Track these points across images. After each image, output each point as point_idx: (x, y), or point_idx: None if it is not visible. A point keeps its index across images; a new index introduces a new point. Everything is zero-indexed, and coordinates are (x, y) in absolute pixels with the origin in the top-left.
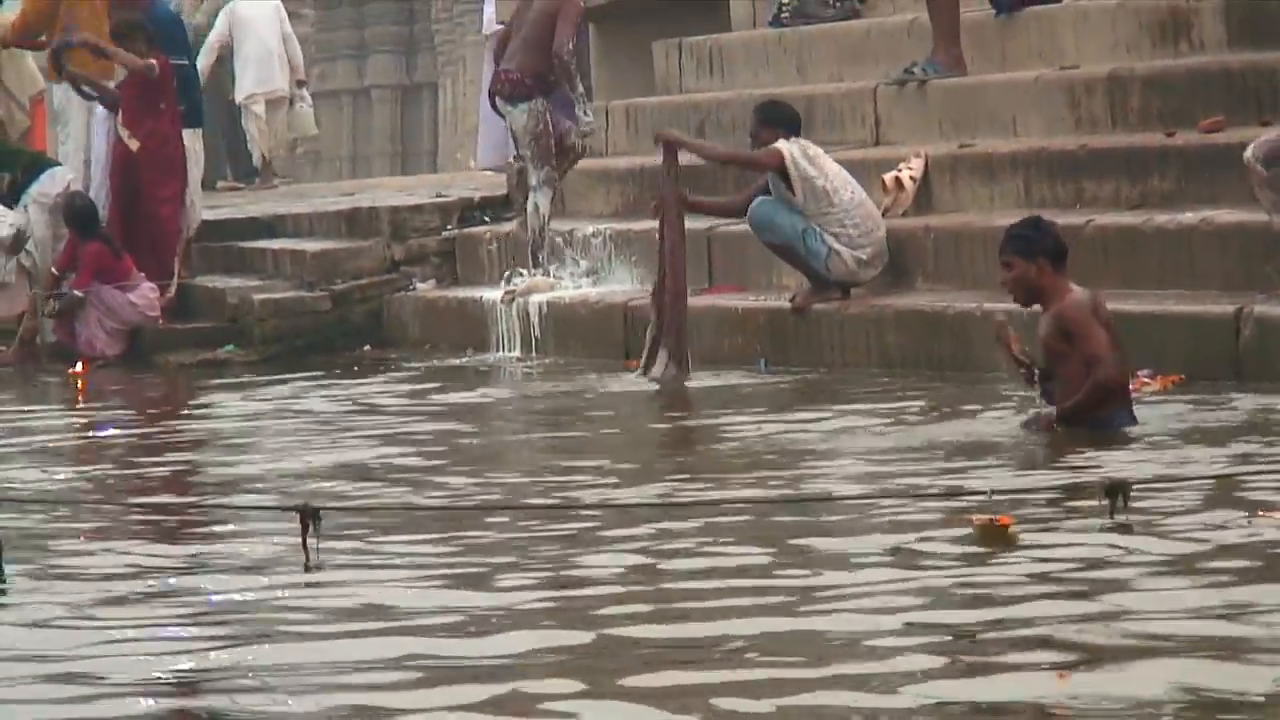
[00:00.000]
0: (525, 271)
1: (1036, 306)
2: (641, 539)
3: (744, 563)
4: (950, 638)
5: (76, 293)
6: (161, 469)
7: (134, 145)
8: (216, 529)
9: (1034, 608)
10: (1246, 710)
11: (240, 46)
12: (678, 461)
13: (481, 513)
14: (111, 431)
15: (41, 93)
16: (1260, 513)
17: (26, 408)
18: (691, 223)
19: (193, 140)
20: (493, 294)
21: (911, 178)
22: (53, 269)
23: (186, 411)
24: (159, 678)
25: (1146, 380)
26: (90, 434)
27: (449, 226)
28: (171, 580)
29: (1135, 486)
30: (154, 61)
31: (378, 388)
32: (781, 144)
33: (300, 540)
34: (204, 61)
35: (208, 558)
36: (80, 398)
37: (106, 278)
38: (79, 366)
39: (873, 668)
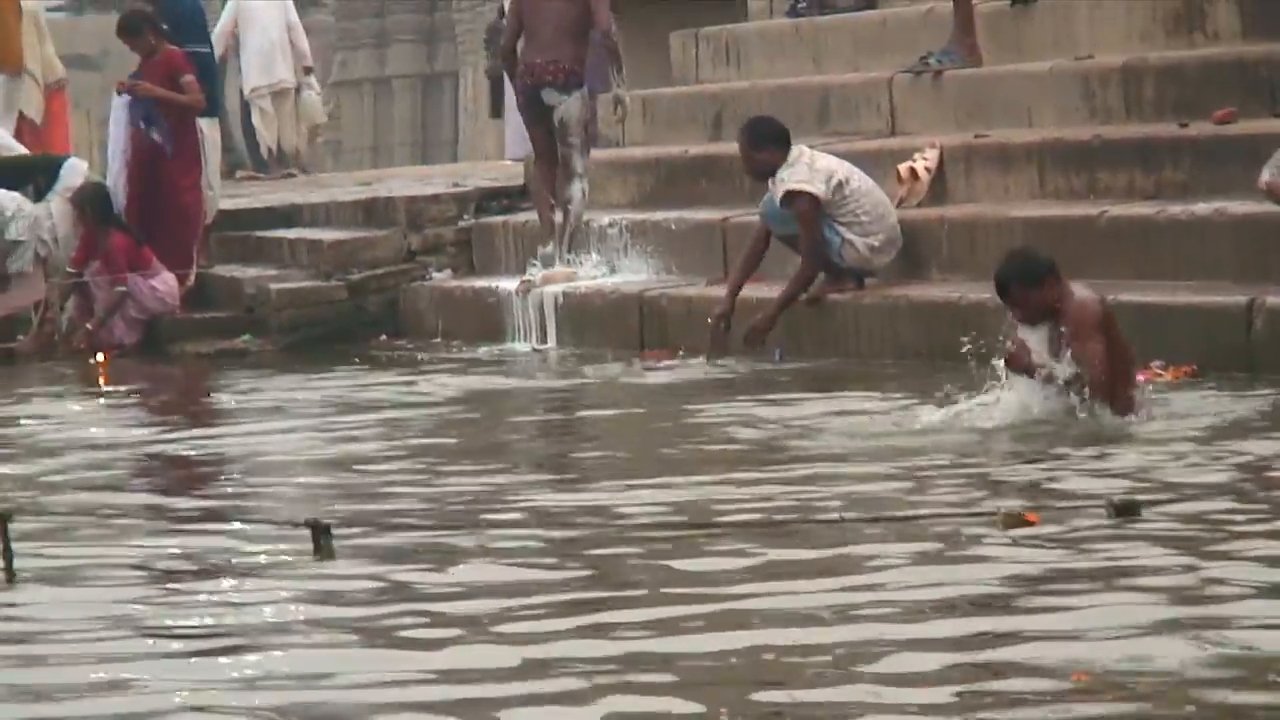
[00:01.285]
0: (538, 263)
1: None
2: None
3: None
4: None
5: (120, 289)
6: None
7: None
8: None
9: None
10: None
11: (245, 39)
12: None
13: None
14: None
15: (61, 81)
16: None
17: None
18: (706, 213)
19: (210, 129)
20: (509, 284)
21: (926, 168)
22: (68, 268)
23: (203, 407)
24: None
25: (1159, 371)
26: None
27: (465, 216)
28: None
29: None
30: (201, 98)
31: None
32: (805, 186)
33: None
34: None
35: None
36: (103, 384)
37: (130, 267)
38: (100, 356)
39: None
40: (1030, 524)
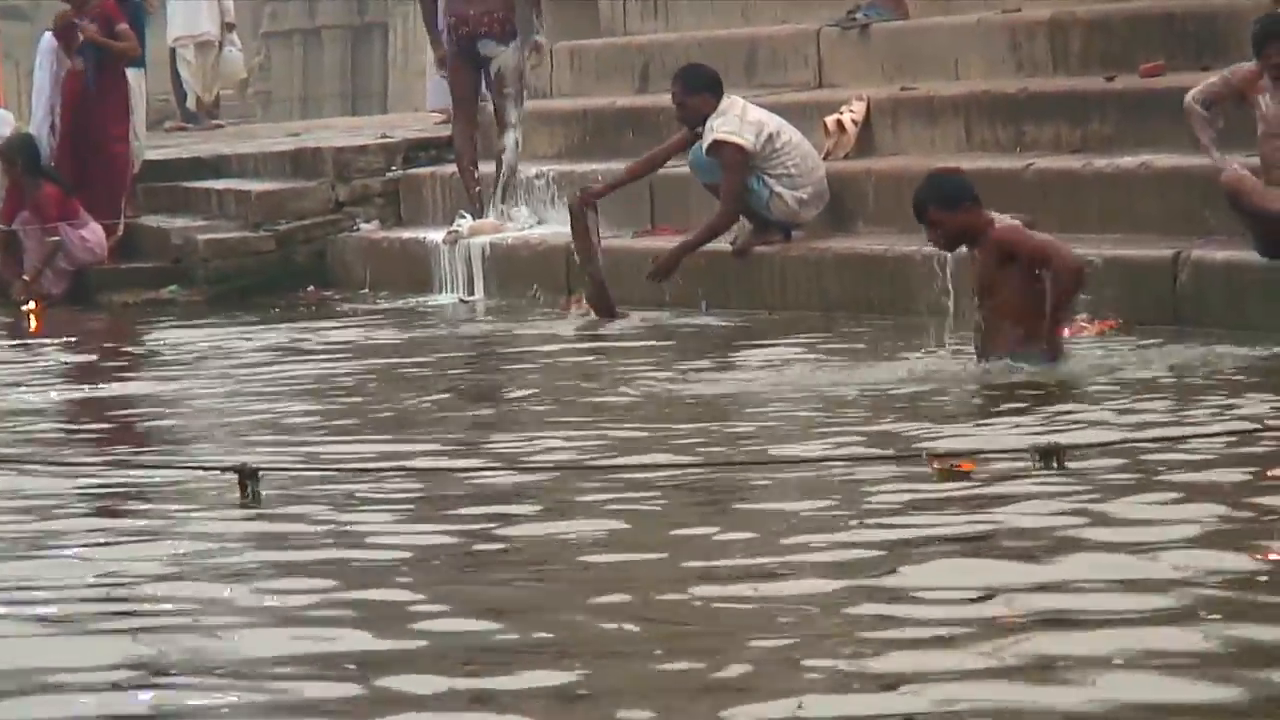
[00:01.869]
0: (467, 215)
1: (962, 249)
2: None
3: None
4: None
5: (54, 239)
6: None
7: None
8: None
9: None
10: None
11: None
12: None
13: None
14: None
15: None
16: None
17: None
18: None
19: (136, 79)
20: (436, 235)
21: (853, 120)
22: None
23: (131, 353)
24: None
25: (1084, 325)
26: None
27: (393, 168)
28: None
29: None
30: (137, 46)
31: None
32: (733, 136)
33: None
34: None
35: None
36: (36, 332)
37: (60, 217)
38: (32, 305)
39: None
40: (967, 472)
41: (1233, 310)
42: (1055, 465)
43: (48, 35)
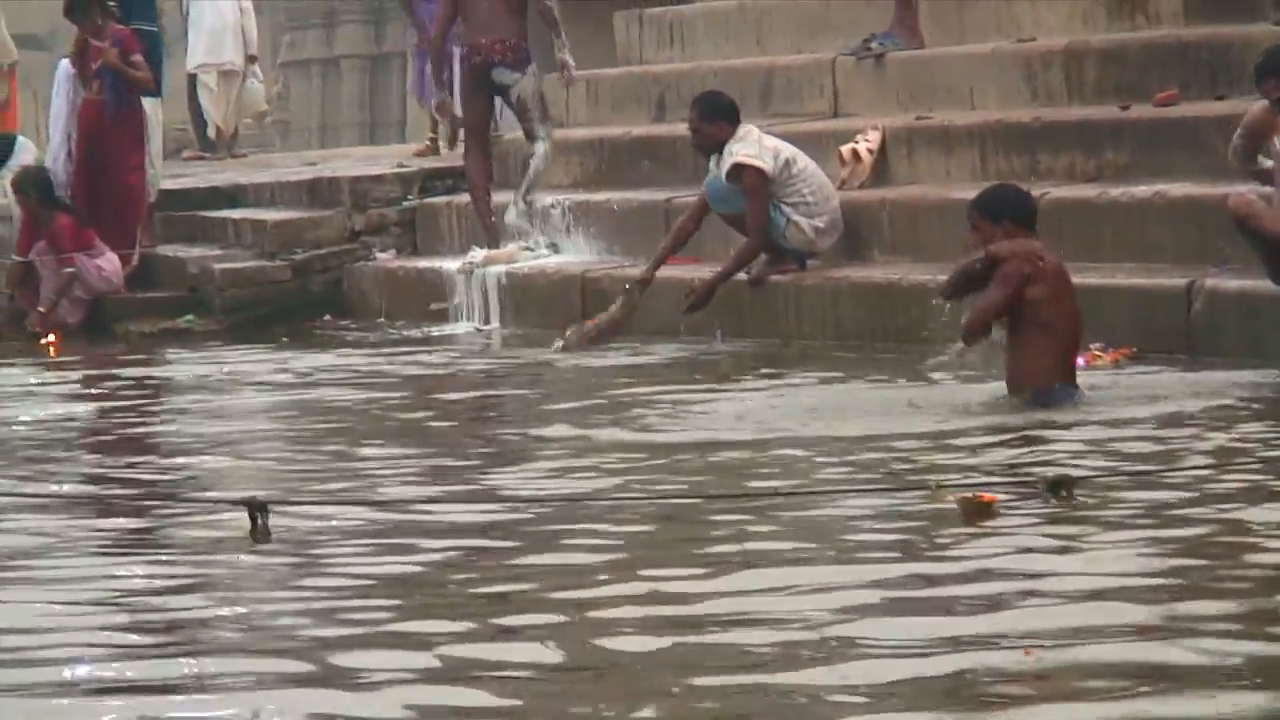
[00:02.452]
0: (480, 249)
1: None
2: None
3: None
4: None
5: (70, 270)
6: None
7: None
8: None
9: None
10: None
11: (196, 17)
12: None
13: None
14: None
15: (14, 64)
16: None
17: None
18: (649, 194)
19: (154, 108)
20: (452, 264)
21: (869, 150)
22: (14, 255)
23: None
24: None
25: (1099, 354)
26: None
27: (409, 196)
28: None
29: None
30: (150, 76)
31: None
32: (753, 160)
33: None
34: None
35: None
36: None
37: (75, 247)
38: (51, 336)
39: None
40: (989, 504)
41: (1247, 338)
42: (1064, 497)
43: (64, 62)
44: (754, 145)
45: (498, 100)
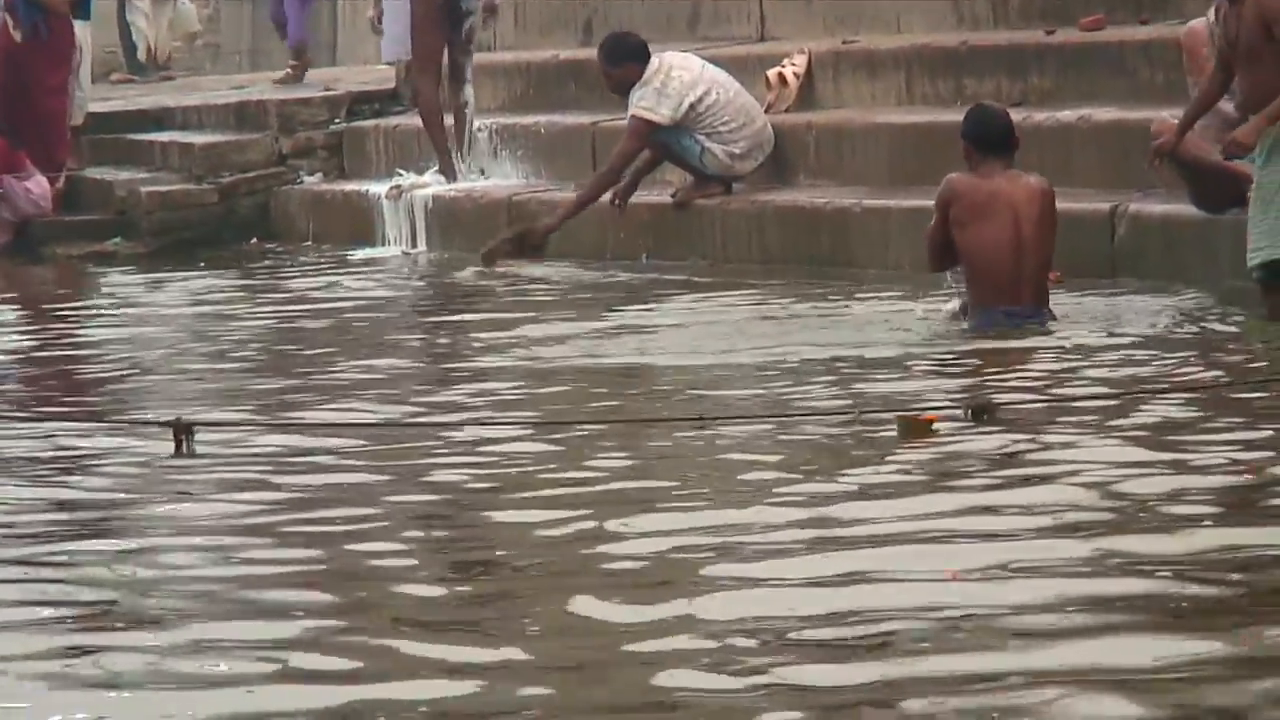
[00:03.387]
0: (403, 171)
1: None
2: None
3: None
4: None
5: None
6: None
7: (17, 36)
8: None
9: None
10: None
11: None
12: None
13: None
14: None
15: None
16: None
17: None
18: (576, 118)
19: (82, 32)
20: (379, 188)
21: (795, 74)
22: None
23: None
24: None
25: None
26: None
27: (336, 120)
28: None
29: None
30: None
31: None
32: (646, 113)
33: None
34: None
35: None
36: None
37: (4, 168)
38: None
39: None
40: (930, 423)
41: (1170, 263)
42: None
43: None
44: (653, 95)
45: None
